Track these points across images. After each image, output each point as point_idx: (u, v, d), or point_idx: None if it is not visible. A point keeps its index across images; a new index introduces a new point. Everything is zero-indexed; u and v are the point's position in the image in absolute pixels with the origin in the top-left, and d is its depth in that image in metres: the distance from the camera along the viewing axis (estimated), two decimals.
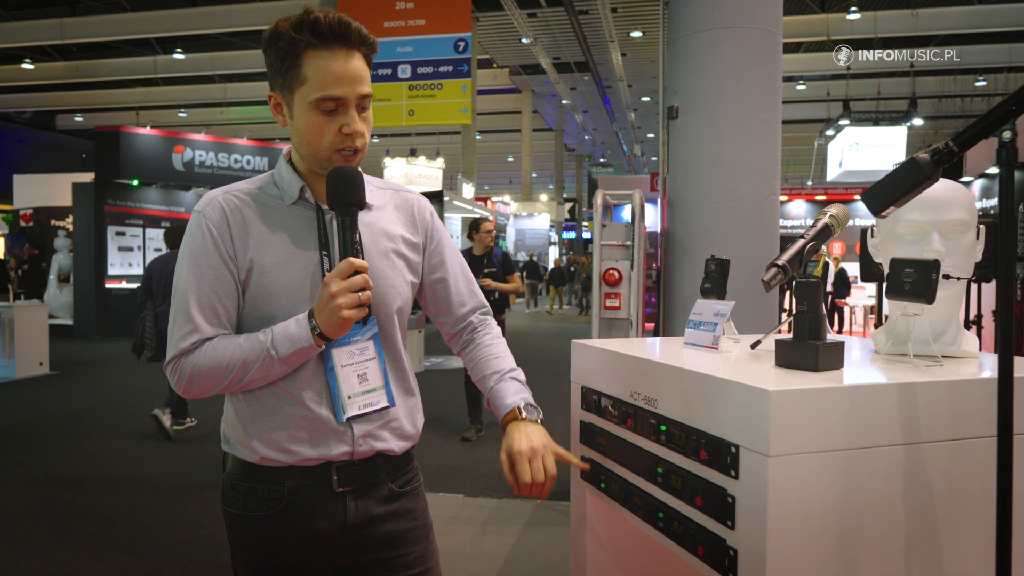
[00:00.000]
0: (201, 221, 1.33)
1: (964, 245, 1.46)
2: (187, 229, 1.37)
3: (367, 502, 1.38)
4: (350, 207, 1.30)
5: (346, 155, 1.32)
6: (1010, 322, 1.06)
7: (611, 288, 4.42)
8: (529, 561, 3.60)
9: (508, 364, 1.52)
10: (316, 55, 1.26)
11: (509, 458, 1.36)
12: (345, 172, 1.30)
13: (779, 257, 1.39)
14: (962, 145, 1.06)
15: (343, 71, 1.27)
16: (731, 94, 3.98)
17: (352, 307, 1.23)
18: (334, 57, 1.27)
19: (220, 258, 1.32)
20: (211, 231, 1.32)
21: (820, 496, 1.14)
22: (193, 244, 1.33)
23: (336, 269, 1.25)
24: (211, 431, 6.09)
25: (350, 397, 1.34)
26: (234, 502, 1.38)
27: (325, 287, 1.24)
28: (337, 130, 1.29)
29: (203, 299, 1.31)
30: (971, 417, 1.23)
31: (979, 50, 17.57)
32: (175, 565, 3.53)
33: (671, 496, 1.34)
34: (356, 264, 1.24)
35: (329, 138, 1.30)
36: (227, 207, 1.34)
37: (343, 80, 1.27)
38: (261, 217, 1.35)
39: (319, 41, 1.26)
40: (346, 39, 1.28)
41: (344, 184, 1.29)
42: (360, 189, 1.32)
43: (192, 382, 1.30)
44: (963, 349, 1.48)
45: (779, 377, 1.25)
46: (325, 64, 1.26)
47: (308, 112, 1.29)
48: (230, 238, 1.33)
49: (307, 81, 1.27)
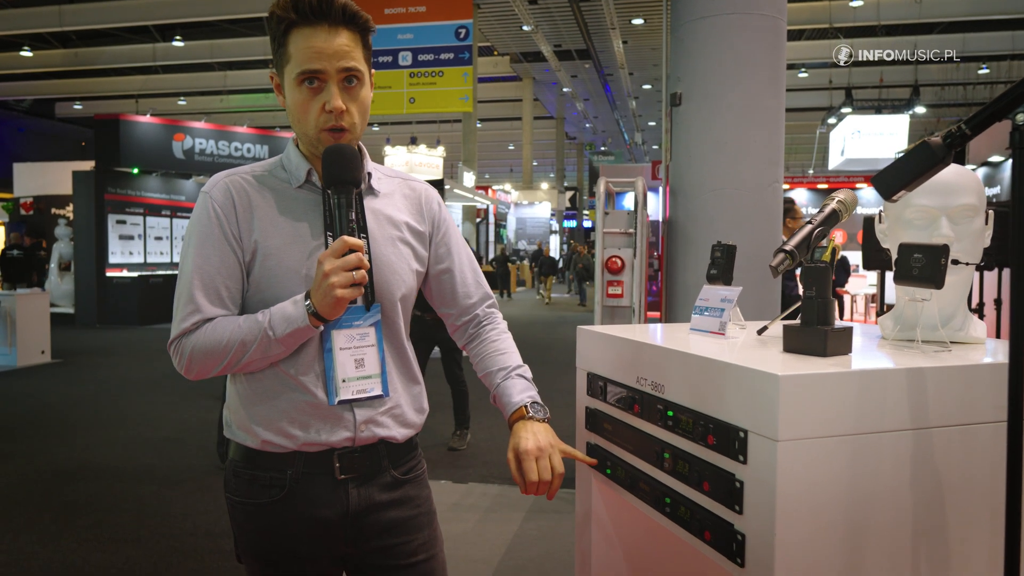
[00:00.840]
0: (207, 203, 1.34)
1: (973, 230, 1.45)
2: (194, 211, 1.37)
3: (370, 489, 1.38)
4: (346, 184, 1.30)
5: (334, 134, 1.31)
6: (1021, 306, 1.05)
7: (614, 276, 4.42)
8: (532, 547, 3.61)
9: (515, 360, 1.51)
10: (299, 32, 1.28)
11: (516, 457, 1.36)
12: (340, 149, 1.29)
13: (787, 243, 1.38)
14: (975, 128, 1.05)
15: (322, 46, 1.27)
16: (735, 81, 3.96)
17: (346, 286, 1.22)
18: (315, 33, 1.27)
19: (225, 239, 1.32)
20: (217, 212, 1.32)
21: (828, 481, 1.13)
22: (199, 225, 1.34)
23: (330, 248, 1.24)
24: (212, 419, 6.10)
25: (344, 380, 1.33)
26: (236, 489, 1.38)
27: (319, 266, 1.23)
28: (321, 107, 1.29)
29: (207, 280, 1.31)
30: (980, 402, 1.22)
31: (982, 37, 17.48)
32: (178, 553, 3.54)
33: (678, 481, 1.34)
34: (351, 243, 1.23)
35: (314, 116, 1.30)
36: (233, 189, 1.35)
37: (322, 55, 1.27)
38: (267, 200, 1.35)
39: (301, 18, 1.27)
40: (327, 15, 1.28)
41: (339, 161, 1.29)
42: (355, 167, 1.31)
43: (193, 362, 1.30)
44: (971, 335, 1.48)
45: (787, 362, 1.24)
46: (306, 40, 1.27)
47: (294, 89, 1.30)
48: (235, 220, 1.33)
49: (291, 58, 1.29)
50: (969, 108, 21.44)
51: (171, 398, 7.05)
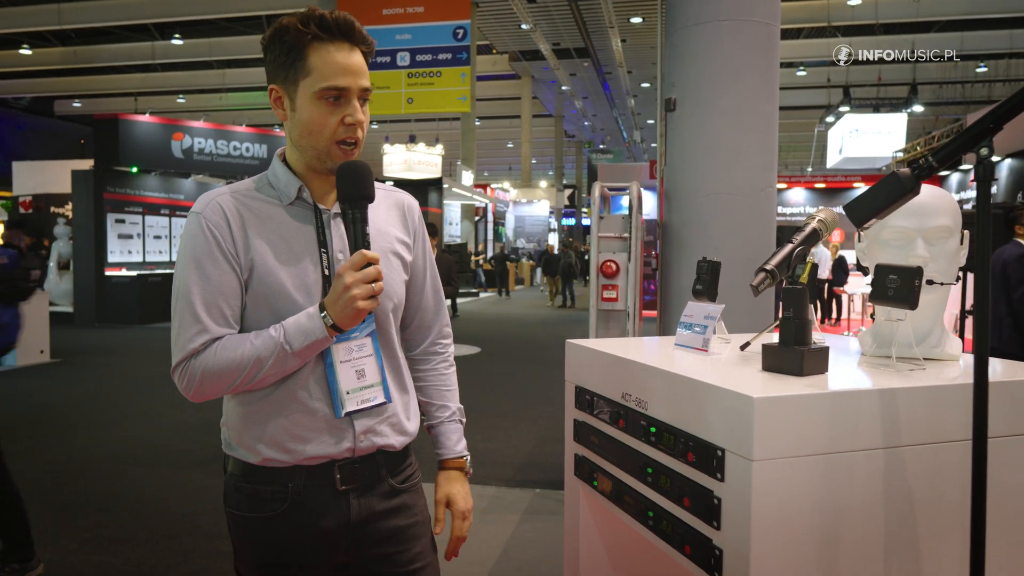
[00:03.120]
0: (200, 222, 1.34)
1: (948, 251, 1.49)
2: (185, 232, 1.37)
3: (369, 499, 1.41)
4: (360, 200, 1.33)
5: (345, 148, 1.35)
6: (985, 329, 1.09)
7: (608, 280, 4.46)
8: (527, 549, 3.66)
9: (456, 402, 1.62)
10: (322, 47, 1.31)
11: (450, 510, 1.55)
12: (356, 166, 1.33)
13: (767, 261, 1.42)
14: (941, 160, 1.09)
15: (347, 63, 1.32)
16: (729, 87, 3.99)
17: (366, 298, 1.27)
18: (338, 50, 1.32)
19: (224, 257, 1.33)
20: (211, 231, 1.33)
21: (803, 498, 1.18)
22: (194, 245, 1.34)
23: (349, 261, 1.28)
24: (212, 418, 6.15)
25: (348, 392, 1.36)
26: (237, 504, 1.40)
27: (339, 279, 1.27)
28: (339, 121, 1.33)
29: (208, 299, 1.32)
30: (949, 421, 1.27)
31: (980, 36, 17.50)
32: (177, 554, 3.58)
33: (660, 496, 1.38)
34: (368, 256, 1.28)
35: (331, 129, 1.33)
36: (226, 208, 1.36)
37: (347, 71, 1.32)
38: (259, 217, 1.37)
39: (325, 34, 1.31)
40: (350, 35, 1.33)
41: (356, 178, 1.33)
42: (370, 183, 1.35)
43: (204, 383, 1.31)
44: (946, 352, 1.52)
45: (764, 383, 1.28)
46: (330, 56, 1.31)
47: (312, 102, 1.32)
48: (231, 238, 1.34)
49: (312, 72, 1.31)
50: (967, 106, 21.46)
51: (171, 397, 7.07)
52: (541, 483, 4.60)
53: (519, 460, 5.13)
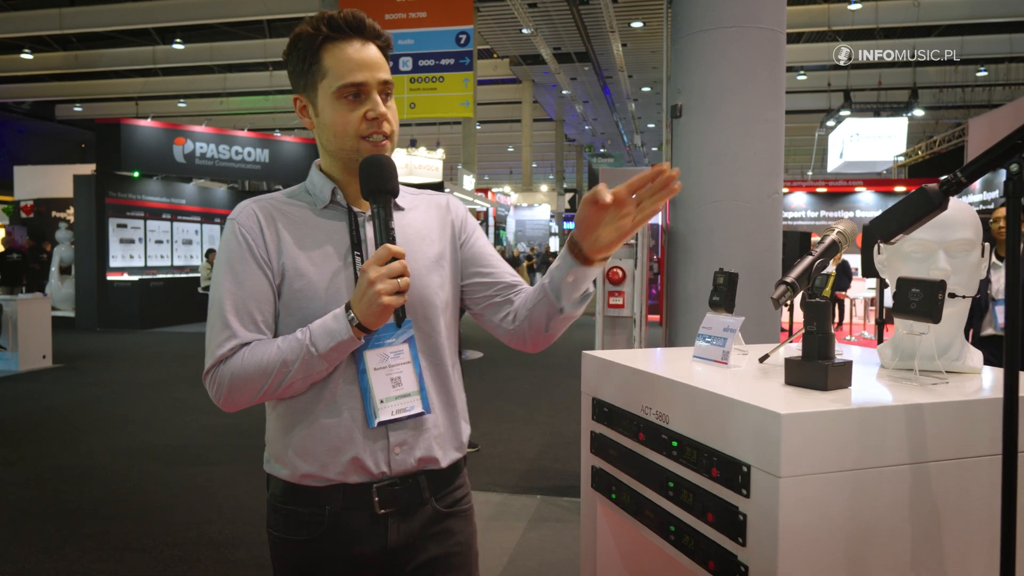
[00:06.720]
0: (235, 228, 1.33)
1: (969, 264, 1.49)
2: (222, 238, 1.37)
3: (410, 524, 1.36)
4: (384, 194, 1.30)
5: (375, 142, 1.31)
6: (1016, 344, 1.09)
7: (615, 286, 4.46)
8: (535, 557, 3.64)
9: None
10: (334, 46, 1.30)
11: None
12: (377, 159, 1.30)
13: (788, 274, 1.41)
14: (970, 176, 1.09)
15: (361, 57, 1.30)
16: (734, 94, 4.00)
17: (391, 293, 1.21)
18: (351, 46, 1.30)
19: (256, 263, 1.31)
20: (245, 237, 1.32)
21: (830, 516, 1.17)
22: (228, 251, 1.33)
23: (373, 255, 1.23)
24: (216, 423, 6.14)
25: (382, 401, 1.31)
26: (276, 524, 1.37)
27: (363, 274, 1.22)
28: (362, 116, 1.30)
29: (239, 305, 1.30)
30: (976, 436, 1.26)
31: (980, 40, 17.53)
32: (183, 562, 3.57)
33: (683, 510, 1.37)
34: (393, 250, 1.23)
35: (355, 126, 1.30)
36: (260, 213, 1.35)
37: (363, 66, 1.30)
38: (293, 222, 1.35)
39: (336, 33, 1.30)
40: (361, 31, 1.32)
41: (377, 171, 1.29)
42: (393, 176, 1.31)
43: (232, 390, 1.28)
44: (967, 365, 1.51)
45: (789, 398, 1.28)
46: (343, 53, 1.30)
47: (332, 103, 1.31)
48: (263, 243, 1.32)
49: (328, 72, 1.30)
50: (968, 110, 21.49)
51: (174, 402, 7.08)
52: (547, 490, 4.59)
53: (524, 466, 5.11)
